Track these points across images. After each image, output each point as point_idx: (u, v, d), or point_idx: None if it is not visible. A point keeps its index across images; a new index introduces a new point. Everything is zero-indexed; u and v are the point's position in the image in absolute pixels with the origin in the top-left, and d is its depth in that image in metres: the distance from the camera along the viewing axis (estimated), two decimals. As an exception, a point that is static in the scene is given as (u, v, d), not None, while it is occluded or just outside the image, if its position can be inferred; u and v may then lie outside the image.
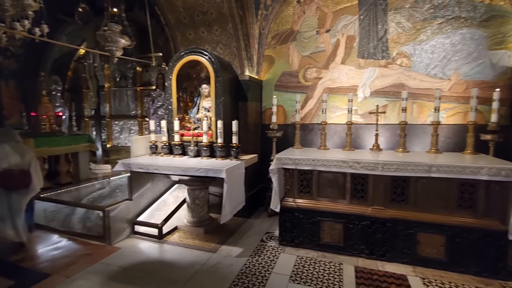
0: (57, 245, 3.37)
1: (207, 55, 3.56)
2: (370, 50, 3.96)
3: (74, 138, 4.90)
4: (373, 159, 2.97)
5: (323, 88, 4.26)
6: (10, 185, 3.09)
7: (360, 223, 3.01)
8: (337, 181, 3.15)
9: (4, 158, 3.09)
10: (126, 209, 3.59)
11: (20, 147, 3.31)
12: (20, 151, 3.25)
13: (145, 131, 6.35)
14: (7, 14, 2.92)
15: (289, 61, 4.44)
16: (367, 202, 3.05)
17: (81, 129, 7.01)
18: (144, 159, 3.61)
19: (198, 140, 3.66)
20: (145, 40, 5.09)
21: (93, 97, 6.61)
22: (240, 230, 3.78)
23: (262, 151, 4.55)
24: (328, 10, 4.15)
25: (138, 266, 2.91)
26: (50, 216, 4.10)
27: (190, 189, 3.64)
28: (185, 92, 4.03)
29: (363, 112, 4.04)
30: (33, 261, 3.03)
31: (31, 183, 3.22)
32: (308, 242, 3.22)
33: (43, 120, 5.19)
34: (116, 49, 3.81)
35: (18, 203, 3.17)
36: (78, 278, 2.68)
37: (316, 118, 4.33)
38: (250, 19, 4.05)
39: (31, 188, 3.23)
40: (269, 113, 4.51)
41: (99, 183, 5.10)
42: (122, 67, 6.55)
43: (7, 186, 3.09)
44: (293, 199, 3.31)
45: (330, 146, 4.06)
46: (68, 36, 6.68)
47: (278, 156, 3.28)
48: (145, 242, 3.46)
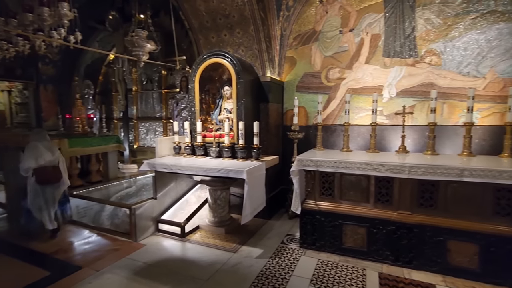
0: (88, 240, 3.57)
1: (229, 58, 3.61)
2: (397, 49, 3.81)
3: (104, 139, 5.16)
4: (399, 162, 2.86)
5: (346, 88, 4.16)
6: (44, 180, 3.46)
7: (384, 228, 2.90)
8: (360, 184, 3.06)
9: (39, 157, 3.45)
10: (151, 207, 3.72)
11: (50, 145, 3.67)
12: (51, 149, 3.61)
13: (169, 133, 6.55)
14: (45, 24, 3.16)
15: (311, 61, 4.39)
16: (392, 206, 2.93)
17: (110, 131, 7.37)
18: (168, 159, 3.73)
19: (219, 141, 3.71)
20: (170, 44, 5.27)
21: (121, 100, 6.93)
22: (261, 231, 3.78)
23: (283, 153, 4.53)
24: (351, 9, 4.06)
25: (161, 263, 3.01)
26: (82, 212, 4.35)
27: (212, 189, 3.70)
28: (207, 94, 4.11)
29: (389, 113, 3.89)
30: (67, 253, 3.23)
31: (62, 178, 3.61)
32: (330, 245, 3.15)
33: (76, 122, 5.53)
34: (143, 54, 3.98)
35: (51, 195, 3.54)
36: (106, 271, 2.82)
37: (338, 119, 4.24)
38: (272, 21, 4.05)
39: (61, 182, 3.61)
40: (290, 114, 4.48)
41: (126, 182, 5.33)
42: (149, 70, 6.81)
43: (42, 181, 3.45)
44: (314, 202, 3.26)
45: (354, 148, 3.95)
46: (99, 43, 7.07)
47: (299, 158, 3.25)
48: (168, 240, 3.56)
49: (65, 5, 3.11)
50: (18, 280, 2.66)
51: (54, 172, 3.54)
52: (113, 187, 5.03)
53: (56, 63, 7.10)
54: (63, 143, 4.40)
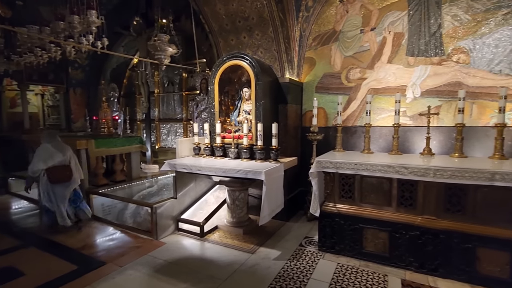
0: (112, 237, 3.72)
1: (248, 59, 3.64)
2: (421, 47, 3.67)
3: (127, 140, 5.35)
4: (424, 164, 2.74)
5: (368, 89, 4.06)
6: (55, 179, 3.66)
7: (408, 233, 2.79)
8: (382, 187, 2.97)
9: (49, 157, 3.68)
10: (171, 206, 3.82)
11: (61, 145, 3.86)
12: (62, 149, 3.81)
13: (190, 134, 6.68)
14: (75, 31, 3.34)
15: (331, 62, 4.32)
16: (416, 211, 2.82)
17: (134, 132, 7.64)
18: (188, 160, 3.81)
19: (238, 143, 3.74)
20: (191, 48, 5.39)
21: (144, 102, 7.17)
22: (279, 233, 3.76)
23: (302, 154, 4.49)
24: (373, 8, 3.96)
25: (181, 261, 3.07)
26: (107, 210, 4.54)
27: (230, 190, 3.73)
28: (226, 96, 4.16)
29: (413, 113, 3.75)
30: (92, 249, 3.38)
31: (72, 176, 3.78)
32: (350, 249, 3.08)
33: (102, 124, 5.78)
34: (165, 57, 4.10)
35: (62, 193, 3.72)
36: (129, 268, 2.92)
37: (359, 120, 4.14)
38: (291, 22, 4.04)
39: (72, 180, 3.79)
40: (309, 115, 4.44)
41: (148, 182, 5.50)
42: (170, 73, 7.00)
43: (54, 180, 3.66)
44: (333, 204, 3.20)
45: (375, 150, 3.84)
46: (124, 47, 7.38)
47: (318, 159, 3.20)
48: (187, 239, 3.63)
49: (93, 12, 3.27)
50: (49, 272, 2.83)
51: (65, 171, 3.74)
52: (135, 186, 5.20)
53: (85, 67, 7.49)
54: (90, 143, 4.62)
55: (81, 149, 4.52)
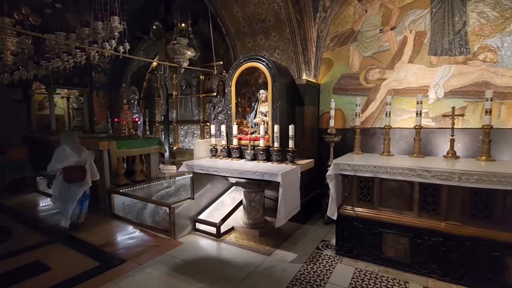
0: (131, 235, 3.83)
1: (264, 61, 3.65)
2: (445, 46, 3.54)
3: (147, 141, 5.50)
4: (448, 168, 2.63)
5: (387, 89, 3.96)
6: (71, 179, 3.86)
7: (430, 239, 2.69)
8: (402, 191, 2.88)
9: (64, 159, 3.86)
10: (189, 207, 3.88)
11: (78, 147, 4.04)
12: (78, 151, 3.99)
13: (206, 135, 6.78)
14: (99, 36, 3.49)
15: (349, 62, 4.25)
16: (439, 216, 2.71)
17: (153, 133, 7.84)
18: (205, 161, 3.86)
19: (255, 144, 3.75)
20: (208, 50, 5.48)
21: (163, 104, 7.34)
22: (295, 236, 3.73)
23: (319, 156, 4.44)
24: (393, 6, 3.86)
25: (198, 261, 3.11)
26: (127, 209, 4.68)
27: (247, 191, 3.75)
28: (243, 98, 4.19)
29: (435, 115, 3.62)
30: (114, 247, 3.49)
31: (86, 177, 3.96)
32: (368, 254, 3.00)
33: (123, 125, 5.96)
34: (183, 60, 4.19)
35: (75, 193, 3.90)
36: (148, 266, 2.99)
37: (378, 122, 4.04)
38: (308, 23, 4.01)
39: (85, 181, 3.97)
40: (326, 117, 4.38)
41: (166, 182, 5.62)
42: (188, 76, 7.14)
43: (69, 179, 3.86)
44: (351, 207, 3.14)
45: (395, 152, 3.73)
46: (144, 51, 7.60)
47: (336, 162, 3.15)
48: (204, 239, 3.68)
49: (116, 18, 3.40)
50: (74, 268, 2.95)
51: (80, 172, 3.93)
52: (154, 186, 5.33)
53: (107, 71, 7.78)
54: (112, 144, 4.79)
55: (103, 149, 4.69)
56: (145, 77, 8.07)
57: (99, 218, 4.42)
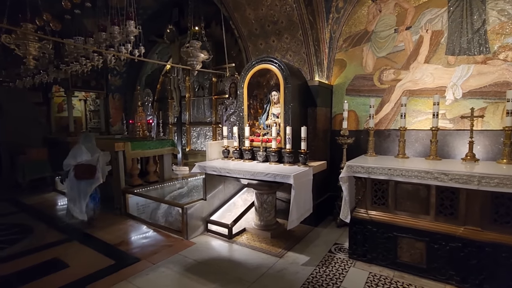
0: (145, 235, 3.90)
1: (276, 63, 3.64)
2: (463, 45, 3.43)
3: (160, 142, 5.60)
4: (467, 171, 2.55)
5: (402, 90, 3.88)
6: (80, 176, 4.04)
7: (448, 244, 2.61)
8: (418, 194, 2.81)
9: (78, 156, 4.11)
10: (201, 208, 3.92)
11: (92, 147, 4.27)
12: (91, 151, 4.22)
13: (218, 137, 6.82)
14: (116, 40, 3.58)
15: (363, 63, 4.19)
16: (457, 221, 2.62)
17: (166, 135, 7.97)
18: (217, 162, 3.89)
19: (267, 146, 3.75)
20: (220, 53, 5.53)
21: (176, 106, 7.46)
22: (307, 238, 3.70)
23: (331, 158, 4.39)
24: (409, 6, 3.79)
25: (210, 261, 3.14)
26: (141, 209, 4.77)
27: (258, 193, 3.75)
28: (255, 100, 4.20)
29: (453, 116, 3.51)
30: (128, 246, 3.57)
31: (95, 175, 4.11)
32: (383, 258, 2.94)
33: (138, 127, 6.09)
34: (197, 63, 4.25)
35: (84, 189, 4.06)
36: (161, 265, 3.04)
37: (393, 123, 3.96)
38: (321, 24, 3.99)
39: (95, 178, 4.12)
40: (339, 118, 4.34)
41: (179, 183, 5.69)
42: (200, 78, 7.22)
43: (79, 176, 4.04)
44: (365, 210, 3.09)
45: (410, 155, 3.65)
46: (158, 54, 7.75)
47: (349, 164, 3.11)
48: (216, 240, 3.70)
49: (132, 23, 3.49)
50: (90, 265, 3.03)
51: (89, 170, 4.09)
52: (167, 187, 5.41)
53: (122, 74, 7.99)
54: (127, 146, 4.90)
55: (118, 151, 4.81)
56: (159, 79, 8.22)
57: (114, 218, 4.53)
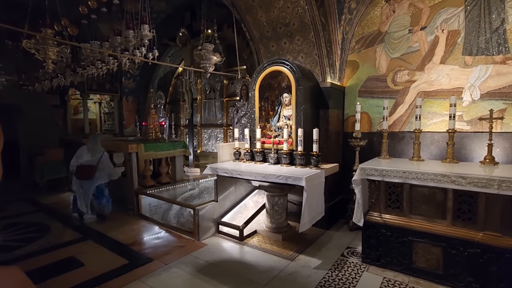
0: (157, 235, 3.94)
1: (288, 65, 3.64)
2: (481, 45, 3.34)
3: (172, 144, 5.67)
4: (486, 174, 2.47)
5: (417, 92, 3.80)
6: (80, 175, 4.39)
7: (466, 250, 2.53)
8: (434, 198, 2.74)
9: (80, 157, 4.45)
10: (212, 209, 3.94)
11: (94, 148, 4.55)
12: (93, 152, 4.51)
13: (229, 139, 6.86)
14: (130, 44, 3.67)
15: (376, 64, 4.13)
16: (476, 226, 2.54)
17: (178, 137, 8.07)
18: (228, 164, 3.91)
19: (278, 148, 3.74)
20: (232, 55, 5.57)
21: (188, 109, 7.55)
22: (319, 241, 3.66)
23: (344, 161, 4.33)
24: (424, 5, 3.72)
25: (221, 263, 3.14)
26: (153, 210, 4.84)
27: (270, 195, 3.74)
28: (266, 102, 4.20)
29: (471, 118, 3.41)
30: (141, 246, 3.62)
31: (94, 175, 4.36)
32: (397, 263, 2.87)
33: (150, 129, 6.20)
34: (209, 65, 4.29)
35: (86, 188, 4.40)
36: (173, 266, 3.07)
37: (407, 125, 3.88)
38: (333, 25, 3.96)
39: (94, 178, 4.37)
40: (352, 120, 4.28)
41: (190, 184, 5.75)
42: (212, 80, 7.29)
43: (79, 176, 4.39)
44: (379, 214, 3.03)
45: (426, 157, 3.57)
46: (170, 57, 7.88)
47: (362, 166, 3.06)
48: (227, 241, 3.70)
49: (146, 27, 3.56)
50: (104, 264, 3.09)
51: (87, 170, 4.36)
52: (179, 188, 5.47)
53: (136, 77, 8.15)
54: (140, 147, 4.98)
55: (132, 152, 4.90)
56: (171, 82, 8.35)
57: (127, 218, 4.61)
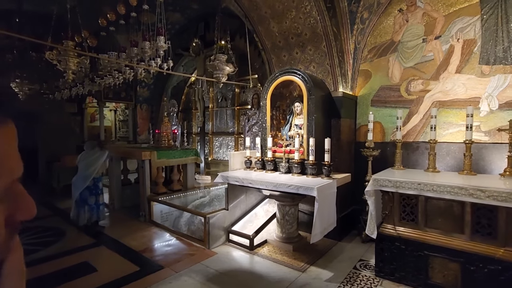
0: (168, 242, 3.97)
1: (300, 75, 3.66)
2: (499, 54, 3.26)
3: (184, 152, 5.74)
4: (506, 188, 2.38)
5: (432, 101, 3.73)
6: None
7: (486, 267, 2.42)
8: (451, 211, 2.65)
9: None
10: (223, 217, 3.94)
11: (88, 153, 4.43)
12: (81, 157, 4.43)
13: (240, 147, 6.89)
14: (146, 55, 3.79)
15: (389, 74, 4.10)
16: (496, 242, 2.44)
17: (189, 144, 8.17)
18: (239, 173, 3.92)
19: (289, 157, 3.73)
20: (244, 64, 5.65)
21: (200, 117, 7.66)
22: (330, 253, 3.59)
23: (356, 171, 4.27)
24: (438, 15, 3.68)
25: (231, 272, 3.12)
26: (165, 217, 4.88)
27: (280, 204, 3.71)
28: (278, 111, 4.22)
29: (489, 128, 3.31)
30: (152, 253, 3.65)
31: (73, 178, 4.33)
32: (413, 279, 2.78)
33: (163, 137, 6.31)
34: (222, 76, 4.37)
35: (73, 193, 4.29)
36: (183, 274, 3.07)
37: (422, 135, 3.80)
38: (345, 35, 3.97)
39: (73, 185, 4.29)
40: (364, 130, 4.23)
41: (201, 192, 5.78)
42: (224, 89, 7.40)
43: None
44: (393, 226, 2.95)
45: (441, 169, 3.47)
46: (184, 67, 8.06)
47: (376, 177, 3.01)
48: (237, 250, 3.69)
49: (161, 38, 3.68)
50: (116, 270, 3.13)
51: None
52: (190, 196, 5.51)
53: (150, 86, 8.36)
54: (153, 155, 5.07)
55: (145, 159, 4.99)
56: (184, 91, 8.52)
57: (139, 224, 4.67)
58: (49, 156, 7.34)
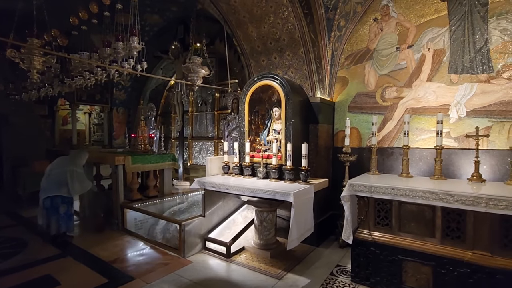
0: (141, 252, 3.79)
1: (278, 80, 3.65)
2: (466, 64, 3.41)
3: (161, 157, 5.56)
4: (473, 192, 2.46)
5: (405, 108, 3.84)
6: None
7: (456, 270, 2.48)
8: (423, 215, 2.70)
9: None
10: (199, 224, 3.82)
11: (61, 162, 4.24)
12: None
13: (220, 152, 6.80)
14: (119, 56, 3.64)
15: (365, 81, 4.19)
16: (465, 245, 2.50)
17: (168, 149, 7.97)
18: (217, 178, 3.83)
19: (267, 162, 3.69)
20: (223, 69, 5.60)
21: (179, 121, 7.50)
22: (308, 259, 3.56)
23: (333, 176, 4.30)
24: (410, 25, 3.82)
25: (206, 282, 3.01)
26: (139, 225, 4.68)
27: (258, 210, 3.65)
28: (257, 115, 4.18)
29: (458, 135, 3.44)
30: (123, 263, 3.45)
31: None
32: (387, 283, 2.80)
33: (140, 141, 6.09)
34: (197, 78, 4.29)
35: None
36: (155, 285, 2.92)
37: (396, 141, 3.89)
38: (322, 42, 4.02)
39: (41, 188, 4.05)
40: (341, 135, 4.28)
41: (179, 198, 5.61)
42: (204, 93, 7.31)
43: None
44: (368, 231, 2.97)
45: (414, 174, 3.56)
46: (163, 70, 7.89)
47: (351, 182, 3.03)
48: (214, 259, 3.58)
49: (135, 39, 3.55)
50: (82, 284, 2.93)
51: None
52: (167, 202, 5.33)
53: (127, 88, 8.10)
54: (127, 160, 4.86)
55: (118, 164, 4.77)
56: (163, 94, 8.33)
57: (111, 233, 4.44)
58: (14, 160, 6.88)
